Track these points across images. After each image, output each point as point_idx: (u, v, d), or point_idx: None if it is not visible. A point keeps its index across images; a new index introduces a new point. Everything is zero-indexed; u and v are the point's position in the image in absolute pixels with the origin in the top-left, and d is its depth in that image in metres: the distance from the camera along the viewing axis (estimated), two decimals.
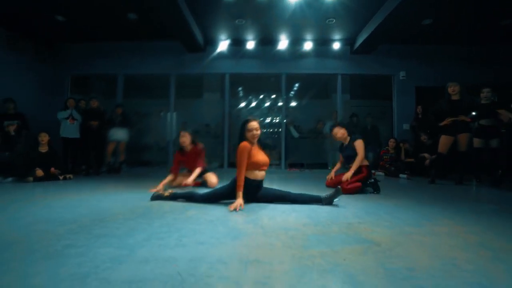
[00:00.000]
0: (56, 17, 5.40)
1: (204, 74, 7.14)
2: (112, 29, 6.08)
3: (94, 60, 6.74)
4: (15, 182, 4.17)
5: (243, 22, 5.59)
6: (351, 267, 1.24)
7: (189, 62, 6.72)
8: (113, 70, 6.78)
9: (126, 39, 6.56)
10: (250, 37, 6.37)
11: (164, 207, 2.52)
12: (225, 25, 5.87)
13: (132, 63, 6.73)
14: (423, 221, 2.10)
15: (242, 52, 6.65)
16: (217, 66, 6.76)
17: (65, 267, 1.20)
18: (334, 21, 5.53)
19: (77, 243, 1.52)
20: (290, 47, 6.56)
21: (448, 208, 2.62)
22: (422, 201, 2.99)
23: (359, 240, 1.64)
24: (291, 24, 5.69)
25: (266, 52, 6.66)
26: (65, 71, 6.78)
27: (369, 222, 2.05)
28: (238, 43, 6.54)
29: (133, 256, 1.33)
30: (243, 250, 1.45)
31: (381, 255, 1.40)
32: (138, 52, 6.73)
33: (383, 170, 5.85)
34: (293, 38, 6.39)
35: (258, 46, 6.55)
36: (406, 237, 1.72)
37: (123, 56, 6.73)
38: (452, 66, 6.54)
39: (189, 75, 6.97)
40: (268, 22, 5.66)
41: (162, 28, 5.81)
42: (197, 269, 1.20)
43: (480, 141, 4.50)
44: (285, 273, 1.18)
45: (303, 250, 1.46)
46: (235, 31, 6.13)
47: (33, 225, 1.88)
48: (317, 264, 1.28)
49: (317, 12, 5.17)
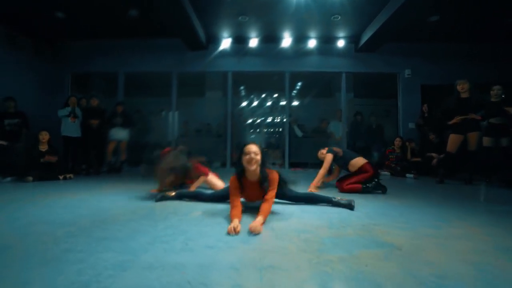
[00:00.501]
0: (56, 14, 5.30)
1: (206, 72, 7.03)
2: (112, 26, 5.98)
3: (94, 58, 6.64)
4: (14, 181, 4.07)
5: (246, 18, 5.49)
6: (375, 274, 1.14)
7: (191, 60, 6.62)
8: (114, 68, 6.68)
9: (127, 37, 6.46)
10: (253, 34, 6.26)
11: (168, 208, 2.42)
12: (228, 22, 5.76)
13: (133, 61, 6.63)
14: (438, 223, 2.00)
15: (245, 50, 6.55)
16: (219, 64, 6.65)
17: (63, 275, 1.10)
18: (339, 18, 5.41)
19: (76, 247, 1.42)
20: (294, 44, 6.45)
21: (460, 208, 2.52)
22: (433, 201, 2.88)
23: (377, 244, 1.54)
24: (295, 20, 5.58)
25: (269, 50, 6.55)
26: (65, 69, 6.69)
27: (384, 224, 1.95)
28: (241, 40, 6.43)
29: (137, 262, 1.23)
30: (255, 255, 1.35)
31: (405, 261, 1.30)
32: (139, 49, 6.63)
33: (388, 169, 5.74)
34: (297, 35, 6.28)
35: (261, 43, 6.44)
36: (426, 240, 1.62)
37: (124, 54, 6.63)
38: (458, 64, 6.43)
39: (191, 73, 6.87)
40: (272, 19, 5.55)
41: (163, 25, 5.71)
42: (207, 276, 1.10)
43: (490, 140, 4.39)
44: (304, 281, 1.08)
45: (320, 254, 1.36)
46: (238, 28, 6.02)
47: (30, 226, 1.78)
48: (337, 270, 1.17)
49: (323, 8, 5.07)
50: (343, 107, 6.78)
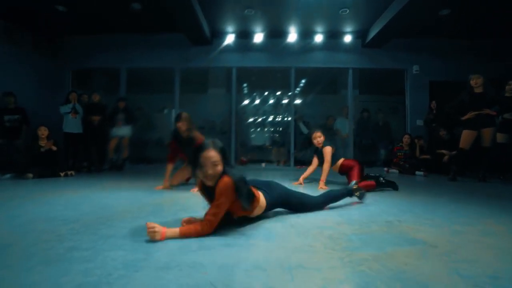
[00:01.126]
0: (57, 8, 5.16)
1: (210, 68, 6.89)
2: (114, 20, 5.83)
3: (95, 54, 6.49)
4: (14, 178, 3.95)
5: (252, 12, 5.34)
6: (418, 274, 1.01)
7: (194, 55, 6.47)
8: (116, 64, 6.53)
9: (129, 32, 6.30)
10: (258, 29, 6.11)
11: (176, 204, 2.30)
12: (234, 16, 5.61)
13: (135, 56, 6.48)
14: (465, 220, 1.88)
15: (249, 45, 6.40)
16: (223, 60, 6.50)
17: (69, 276, 0.97)
18: (347, 11, 5.26)
19: (81, 245, 1.29)
20: (300, 40, 6.30)
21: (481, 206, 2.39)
22: (451, 198, 2.75)
23: (408, 241, 1.41)
24: (302, 14, 5.43)
25: (274, 45, 6.40)
26: (66, 65, 6.53)
27: (409, 221, 1.83)
28: (246, 35, 6.28)
29: (151, 261, 1.11)
30: (280, 253, 1.22)
31: (446, 259, 1.17)
32: (141, 45, 6.48)
33: (396, 167, 5.61)
34: (303, 30, 6.13)
35: (266, 39, 6.29)
36: (460, 237, 1.50)
37: (126, 49, 6.47)
38: (468, 60, 6.26)
39: (194, 69, 6.72)
40: (278, 12, 5.40)
41: (167, 19, 5.56)
42: (232, 277, 0.97)
43: (504, 136, 4.27)
44: (342, 281, 0.96)
45: (350, 252, 1.23)
46: (243, 23, 5.88)
47: (31, 224, 1.65)
48: (375, 270, 1.05)
49: (331, 0, 4.93)
50: (350, 103, 6.64)
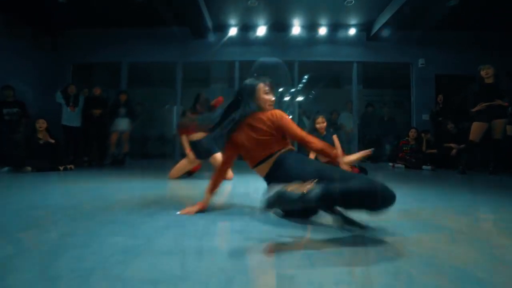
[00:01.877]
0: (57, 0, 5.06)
1: (212, 61, 6.77)
2: (116, 13, 5.72)
3: (96, 47, 6.38)
4: (11, 172, 3.84)
5: (256, 3, 5.22)
6: (453, 258, 0.90)
7: (196, 49, 6.36)
8: (117, 58, 6.43)
9: (130, 25, 6.20)
10: (261, 22, 6.00)
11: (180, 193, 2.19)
12: (236, 8, 5.50)
13: (136, 50, 6.37)
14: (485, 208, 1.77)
15: (252, 38, 6.29)
16: (226, 53, 6.39)
17: (61, 261, 0.86)
18: (353, 2, 5.14)
19: (77, 230, 1.19)
20: (304, 33, 6.18)
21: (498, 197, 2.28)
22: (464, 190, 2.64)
23: (433, 227, 1.30)
24: (306, 5, 5.32)
25: (278, 38, 6.28)
26: (66, 59, 6.43)
27: (428, 208, 1.72)
28: (249, 28, 6.17)
29: (152, 247, 1.00)
30: (294, 239, 1.11)
31: (479, 244, 1.06)
32: (143, 39, 6.37)
33: (402, 162, 5.48)
34: (307, 23, 6.01)
35: (269, 32, 6.17)
36: (486, 224, 1.39)
37: (127, 43, 6.36)
38: (474, 53, 6.11)
39: (196, 63, 6.62)
40: (282, 4, 5.29)
41: (169, 11, 5.44)
42: (243, 264, 0.86)
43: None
44: (368, 265, 0.84)
45: (372, 238, 1.12)
46: (246, 15, 5.76)
47: (24, 211, 1.54)
48: (403, 255, 0.93)
49: None
50: (354, 98, 6.52)
